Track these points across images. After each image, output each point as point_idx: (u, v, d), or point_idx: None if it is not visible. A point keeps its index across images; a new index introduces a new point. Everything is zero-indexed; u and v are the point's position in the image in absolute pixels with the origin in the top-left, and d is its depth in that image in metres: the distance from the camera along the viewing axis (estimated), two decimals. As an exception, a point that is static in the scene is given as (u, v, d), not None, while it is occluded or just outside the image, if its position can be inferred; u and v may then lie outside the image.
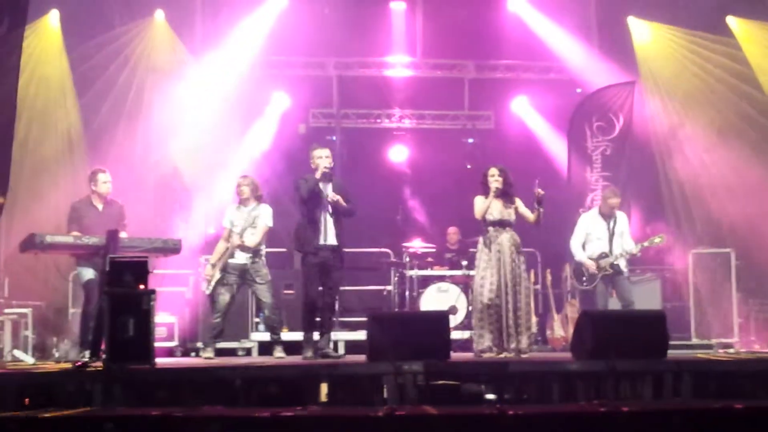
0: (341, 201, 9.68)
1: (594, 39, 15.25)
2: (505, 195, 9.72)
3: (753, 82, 13.69)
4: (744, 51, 13.80)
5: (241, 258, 10.34)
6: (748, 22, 13.89)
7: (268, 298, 10.42)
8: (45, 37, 13.23)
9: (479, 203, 9.71)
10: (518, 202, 9.75)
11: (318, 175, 9.62)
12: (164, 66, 14.03)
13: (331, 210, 9.69)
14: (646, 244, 10.70)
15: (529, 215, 9.70)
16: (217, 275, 10.31)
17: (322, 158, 9.69)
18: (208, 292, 10.45)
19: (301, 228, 9.82)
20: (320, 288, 9.77)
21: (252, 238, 10.31)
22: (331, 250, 9.66)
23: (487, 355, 9.34)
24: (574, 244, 10.93)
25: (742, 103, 13.83)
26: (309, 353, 9.71)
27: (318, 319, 9.87)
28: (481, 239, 9.76)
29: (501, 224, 9.65)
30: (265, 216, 10.45)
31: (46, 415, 6.04)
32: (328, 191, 9.70)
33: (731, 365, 8.75)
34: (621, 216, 10.95)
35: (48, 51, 13.26)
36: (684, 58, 14.32)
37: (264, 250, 10.57)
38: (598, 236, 10.79)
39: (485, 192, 9.74)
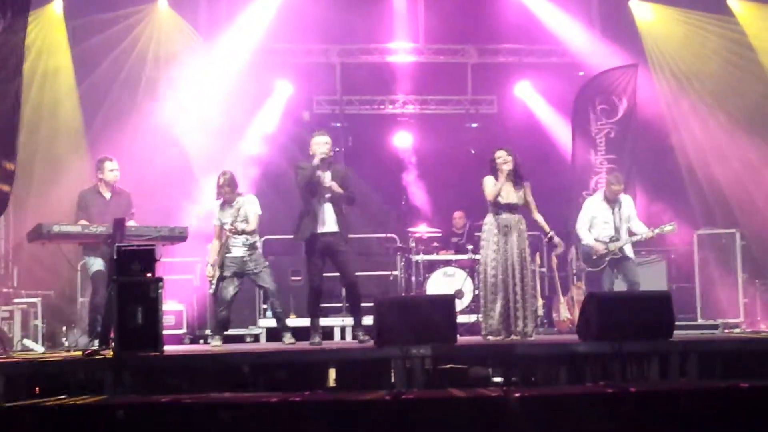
0: (335, 187, 9.60)
1: (596, 22, 15.23)
2: (515, 177, 9.68)
3: (754, 62, 13.68)
4: (745, 30, 13.79)
5: (238, 251, 10.37)
6: (749, 3, 13.88)
7: (271, 284, 10.46)
8: (51, 24, 13.21)
9: (490, 185, 9.64)
10: (527, 187, 9.72)
11: (315, 162, 9.57)
12: (171, 52, 14.03)
13: (330, 196, 9.63)
14: (657, 231, 10.71)
15: (533, 206, 9.69)
16: (217, 272, 10.36)
17: (320, 145, 9.63)
18: (212, 291, 10.50)
19: (301, 216, 9.80)
20: (331, 274, 9.84)
21: (246, 226, 10.32)
22: (331, 236, 9.62)
23: (493, 338, 9.36)
24: (581, 228, 10.95)
25: (746, 82, 13.80)
26: (316, 339, 9.72)
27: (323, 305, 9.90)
28: (488, 221, 9.70)
29: (510, 207, 9.63)
30: (252, 206, 10.47)
31: (57, 403, 6.10)
32: (326, 178, 9.65)
33: (737, 345, 8.81)
34: (626, 199, 10.96)
35: (54, 39, 13.25)
36: (686, 37, 14.30)
37: (259, 240, 10.69)
38: (605, 220, 10.81)
39: (494, 175, 9.72)
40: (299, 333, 11.63)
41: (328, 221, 9.63)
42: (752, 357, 8.13)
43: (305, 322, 12.60)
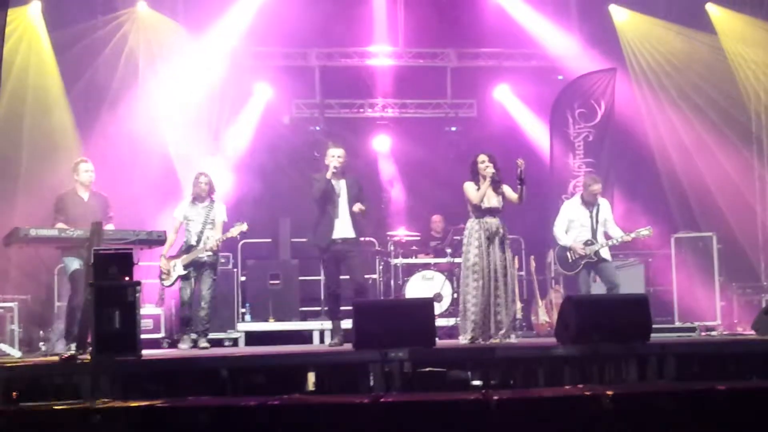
0: (361, 210, 9.91)
1: (575, 26, 15.26)
2: (494, 182, 9.71)
3: (730, 68, 13.82)
4: (720, 38, 13.92)
5: (202, 254, 10.61)
6: (727, 11, 13.99)
7: (209, 293, 10.66)
8: (29, 27, 13.14)
9: (473, 190, 9.67)
10: (504, 188, 9.76)
11: (329, 174, 9.87)
12: (151, 55, 13.98)
13: (346, 204, 9.91)
14: (633, 235, 10.71)
15: (514, 196, 9.71)
16: (181, 271, 10.57)
17: (334, 157, 9.96)
18: (168, 284, 10.74)
19: (316, 223, 10.04)
20: (342, 277, 10.09)
21: (215, 242, 10.57)
22: (344, 242, 9.89)
23: (471, 342, 9.37)
24: (558, 230, 10.96)
25: (721, 87, 13.93)
26: (335, 340, 10.02)
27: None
28: (470, 226, 9.71)
29: (491, 212, 9.67)
30: (221, 214, 10.80)
31: (35, 408, 6.07)
32: (341, 188, 9.95)
33: (714, 347, 8.86)
34: (604, 203, 10.99)
35: (33, 42, 13.18)
36: (664, 42, 14.40)
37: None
38: (582, 224, 10.82)
39: (475, 179, 9.75)
40: (279, 337, 11.67)
41: (345, 228, 9.91)
42: (729, 359, 8.18)
43: (284, 326, 12.68)
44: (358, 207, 9.86)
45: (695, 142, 13.88)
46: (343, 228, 9.89)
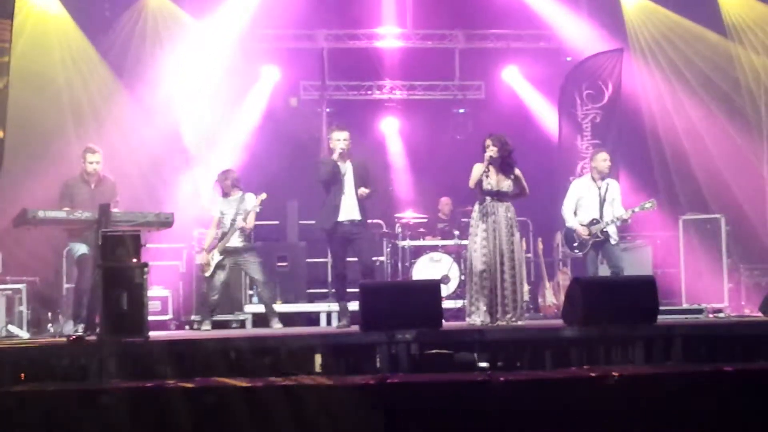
0: (363, 194, 9.89)
1: (583, 6, 15.21)
2: (505, 165, 9.61)
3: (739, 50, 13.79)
4: (729, 20, 13.87)
5: (235, 242, 11.02)
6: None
7: (261, 275, 11.14)
8: (33, 8, 13.14)
9: (474, 172, 9.63)
10: (518, 173, 9.69)
11: (335, 156, 9.88)
12: (161, 39, 13.99)
13: (352, 186, 9.91)
14: (636, 209, 10.66)
15: (524, 185, 9.68)
16: (218, 257, 10.99)
17: (340, 141, 9.94)
18: (207, 275, 11.09)
19: (323, 205, 10.04)
20: (349, 259, 10.13)
21: (250, 220, 11.04)
22: (351, 224, 9.89)
23: (478, 324, 9.35)
24: (566, 210, 10.89)
25: (730, 69, 13.88)
26: (343, 322, 10.05)
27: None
28: (476, 209, 9.66)
29: (498, 195, 9.54)
30: (251, 203, 11.08)
31: (42, 389, 6.09)
32: (347, 170, 9.95)
33: (721, 329, 8.85)
34: (612, 183, 10.93)
35: (45, 21, 13.20)
36: (671, 23, 14.35)
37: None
38: (590, 202, 10.76)
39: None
40: (285, 319, 11.67)
41: (351, 210, 9.90)
42: (736, 341, 8.19)
43: (291, 308, 12.71)
44: (362, 191, 9.87)
45: (704, 123, 13.84)
46: (349, 210, 9.87)
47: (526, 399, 5.79)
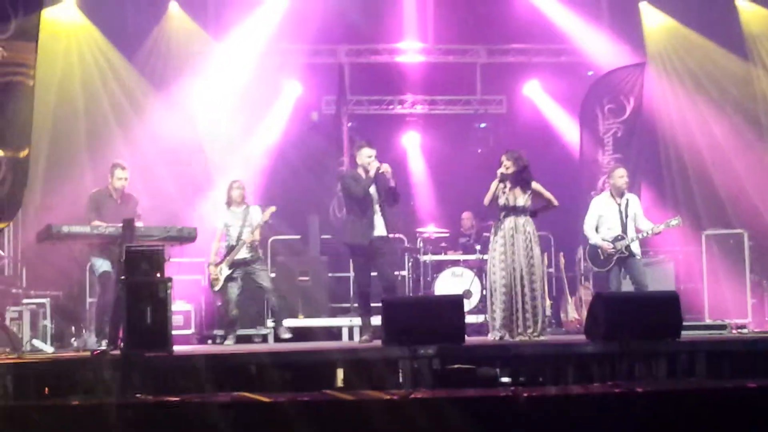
0: (387, 172, 9.81)
1: (605, 21, 15.21)
2: (521, 180, 9.65)
3: (761, 64, 13.73)
4: (750, 32, 13.83)
5: (243, 254, 10.96)
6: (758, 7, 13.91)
7: (270, 284, 11.13)
8: (65, 22, 13.28)
9: (491, 188, 9.68)
10: (536, 186, 9.69)
11: (372, 174, 9.81)
12: (183, 55, 14.09)
13: (379, 202, 9.91)
14: (662, 226, 10.61)
15: (547, 194, 9.70)
16: (226, 271, 10.93)
17: (372, 158, 9.89)
18: (217, 289, 11.08)
19: (349, 222, 10.03)
20: (373, 274, 10.04)
21: (256, 233, 11.01)
22: (378, 239, 9.87)
23: (499, 339, 9.37)
24: (588, 228, 10.88)
25: (752, 83, 13.85)
26: (365, 336, 9.99)
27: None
28: (494, 224, 9.76)
29: (514, 210, 9.60)
30: (257, 216, 11.08)
31: (66, 403, 6.12)
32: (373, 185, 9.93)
33: (745, 345, 8.79)
34: (633, 198, 10.92)
35: (68, 38, 13.33)
36: (692, 41, 14.34)
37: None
38: (611, 219, 10.74)
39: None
40: (307, 333, 11.69)
41: (378, 225, 9.89)
42: (760, 357, 8.13)
43: (313, 322, 12.71)
44: (385, 167, 9.78)
45: (727, 138, 13.78)
46: (377, 226, 9.87)
47: (549, 415, 5.78)
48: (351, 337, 12.54)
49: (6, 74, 9.07)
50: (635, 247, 10.60)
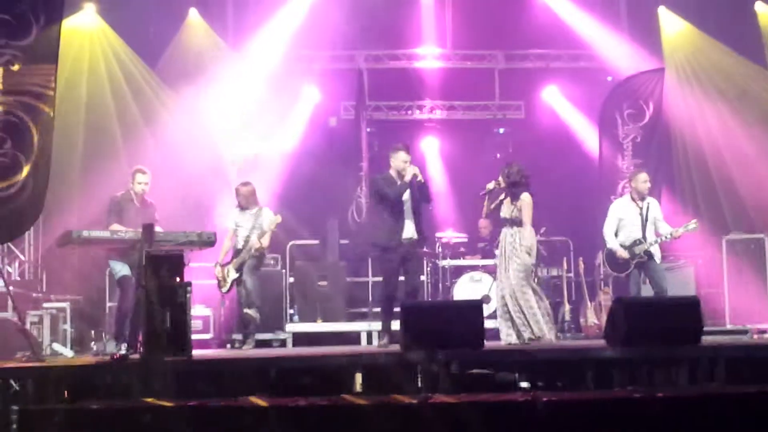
0: (419, 176, 9.90)
1: (623, 26, 15.19)
2: (510, 193, 9.96)
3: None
4: (764, 37, 13.78)
5: (247, 255, 10.99)
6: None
7: (254, 291, 10.98)
8: (84, 30, 13.36)
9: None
10: (522, 202, 9.87)
11: (407, 179, 9.83)
12: (202, 61, 14.14)
13: (411, 207, 9.95)
14: (681, 230, 10.60)
15: (522, 220, 9.89)
16: (234, 275, 10.99)
17: (408, 163, 9.93)
18: (224, 291, 11.19)
19: (379, 226, 10.03)
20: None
21: (265, 241, 10.96)
22: (409, 244, 9.93)
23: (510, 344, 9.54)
24: (607, 232, 10.87)
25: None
26: (384, 340, 9.98)
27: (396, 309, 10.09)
28: None
29: (505, 222, 9.96)
30: (268, 219, 11.04)
31: (86, 407, 6.14)
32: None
33: (766, 350, 8.73)
34: (653, 202, 10.90)
35: (89, 44, 13.41)
36: (710, 51, 14.30)
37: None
38: (631, 223, 10.73)
39: None
40: (326, 338, 11.69)
41: (409, 229, 9.92)
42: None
43: (331, 327, 12.71)
44: (415, 170, 9.86)
45: (744, 142, 13.70)
46: (408, 230, 9.91)
47: (568, 420, 5.76)
48: (369, 341, 12.54)
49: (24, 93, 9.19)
50: (655, 251, 10.58)
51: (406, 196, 9.90)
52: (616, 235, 10.81)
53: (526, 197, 9.85)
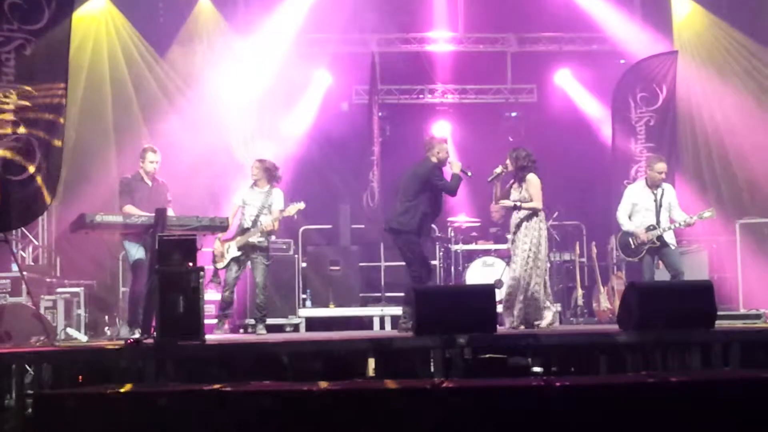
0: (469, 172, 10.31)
1: (636, 9, 15.11)
2: (518, 178, 10.01)
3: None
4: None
5: (255, 238, 10.76)
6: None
7: (263, 280, 10.85)
8: (92, 14, 13.37)
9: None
10: (528, 182, 9.89)
11: (457, 171, 10.18)
12: (213, 45, 14.12)
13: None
14: (695, 218, 10.56)
15: (533, 202, 9.87)
16: (235, 252, 10.76)
17: (450, 152, 10.33)
18: (221, 266, 10.88)
19: (426, 216, 10.12)
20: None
21: (271, 222, 10.71)
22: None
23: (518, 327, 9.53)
24: (621, 215, 10.84)
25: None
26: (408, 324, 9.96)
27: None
28: None
29: (514, 207, 9.97)
30: (278, 201, 10.88)
31: (100, 391, 6.16)
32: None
33: (780, 335, 8.71)
34: (668, 188, 10.86)
35: (99, 28, 13.42)
36: (719, 42, 14.24)
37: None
38: (646, 208, 10.68)
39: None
40: (339, 323, 11.69)
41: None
42: (796, 346, 8.05)
43: (344, 312, 12.73)
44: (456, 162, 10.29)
45: (759, 126, 13.62)
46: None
47: (581, 404, 5.75)
48: (382, 326, 12.56)
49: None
50: (669, 238, 10.54)
51: None
52: (629, 219, 10.77)
53: (532, 177, 9.85)
